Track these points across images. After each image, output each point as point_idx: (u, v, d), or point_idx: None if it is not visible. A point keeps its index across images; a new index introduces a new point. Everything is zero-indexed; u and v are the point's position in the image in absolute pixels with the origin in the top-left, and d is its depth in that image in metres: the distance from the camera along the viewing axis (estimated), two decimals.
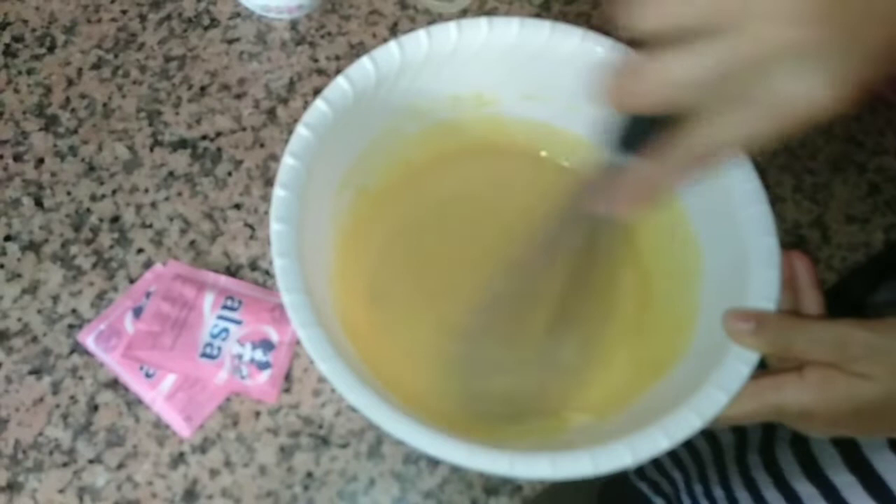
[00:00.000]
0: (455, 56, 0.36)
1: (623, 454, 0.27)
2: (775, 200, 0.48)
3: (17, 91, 0.45)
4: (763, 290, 0.30)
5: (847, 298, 0.48)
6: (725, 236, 0.33)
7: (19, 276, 0.40)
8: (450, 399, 0.34)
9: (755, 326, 0.28)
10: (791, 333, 0.28)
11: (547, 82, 0.38)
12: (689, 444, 0.51)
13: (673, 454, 0.54)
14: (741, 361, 0.29)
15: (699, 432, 0.27)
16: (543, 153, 0.41)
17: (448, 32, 0.35)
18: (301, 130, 0.33)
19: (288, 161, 0.32)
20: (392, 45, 0.35)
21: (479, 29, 0.35)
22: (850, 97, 0.20)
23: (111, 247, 0.42)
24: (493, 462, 0.27)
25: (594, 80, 0.24)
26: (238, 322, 0.39)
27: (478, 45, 0.36)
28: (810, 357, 0.27)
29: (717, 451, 0.52)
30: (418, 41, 0.35)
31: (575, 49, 0.36)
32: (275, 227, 0.31)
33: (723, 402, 0.28)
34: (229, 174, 0.45)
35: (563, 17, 0.53)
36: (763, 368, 0.29)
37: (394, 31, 0.51)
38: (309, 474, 0.37)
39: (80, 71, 0.47)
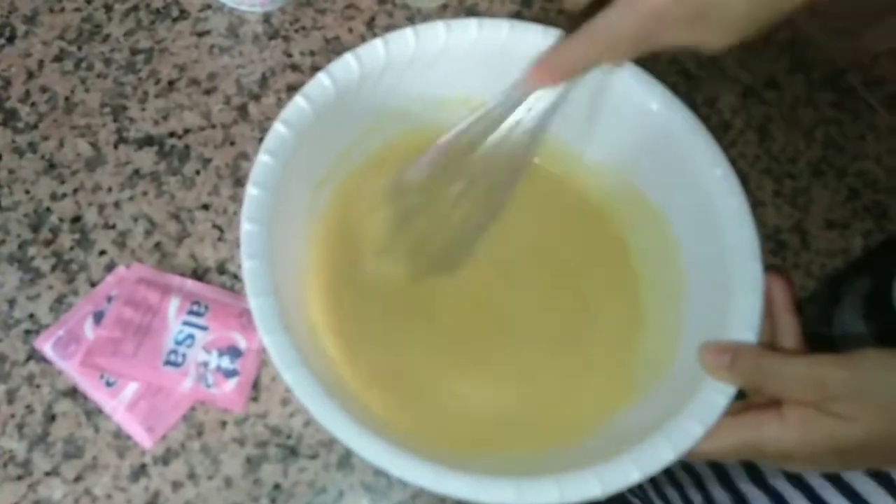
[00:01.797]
0: (442, 57, 0.35)
1: (592, 484, 0.26)
2: (756, 205, 0.48)
3: None
4: (745, 319, 0.29)
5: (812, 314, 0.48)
6: (710, 259, 0.32)
7: None
8: (426, 411, 0.33)
9: (731, 361, 0.27)
10: (767, 370, 0.27)
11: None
12: None
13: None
14: (718, 392, 0.28)
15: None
16: (532, 159, 0.40)
17: (436, 32, 0.34)
18: (278, 127, 0.32)
19: (263, 158, 0.31)
20: (378, 43, 0.33)
21: (469, 30, 0.34)
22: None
23: (72, 248, 0.40)
24: (458, 486, 0.26)
25: None
26: (204, 328, 0.38)
27: (466, 47, 0.34)
28: (787, 396, 0.27)
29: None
30: (405, 40, 0.34)
31: None
32: (246, 227, 0.30)
33: (698, 434, 0.27)
34: (197, 173, 0.43)
35: (545, 14, 0.51)
36: (741, 397, 0.29)
37: (371, 25, 0.49)
38: (276, 486, 0.36)
39: (41, 63, 0.45)
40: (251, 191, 0.30)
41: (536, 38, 0.34)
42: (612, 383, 0.33)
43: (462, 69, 0.35)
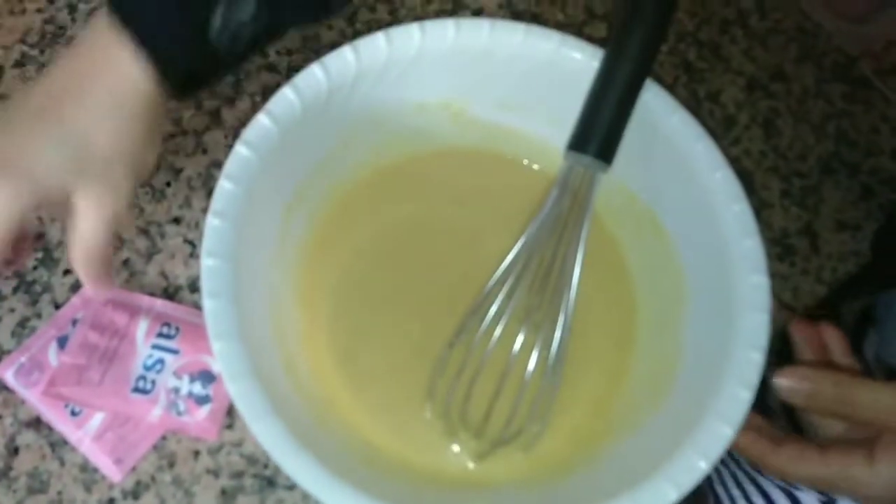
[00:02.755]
0: (419, 61, 0.32)
1: None
2: (762, 206, 0.45)
3: None
4: (750, 338, 0.27)
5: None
6: (711, 271, 0.29)
7: None
8: (410, 449, 0.31)
9: (811, 389, 0.26)
10: (850, 399, 0.26)
11: (522, 90, 0.34)
12: None
13: None
14: (724, 422, 0.26)
15: None
16: (519, 160, 0.38)
17: (410, 35, 0.31)
18: (240, 150, 0.29)
19: (224, 185, 0.28)
20: (346, 51, 0.31)
21: (446, 31, 0.32)
22: None
23: (34, 268, 0.38)
24: None
25: None
26: (175, 351, 0.36)
27: (444, 49, 0.32)
28: (873, 422, 0.26)
29: None
30: (376, 46, 0.31)
31: (551, 54, 0.32)
32: (207, 262, 0.27)
33: (702, 469, 0.25)
34: (168, 184, 0.41)
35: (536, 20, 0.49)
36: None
37: (352, 21, 0.46)
38: None
39: (1, 69, 0.42)
40: (212, 222, 0.28)
41: (519, 38, 0.31)
42: (607, 410, 0.31)
43: (441, 73, 0.33)
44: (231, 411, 0.36)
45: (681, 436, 0.25)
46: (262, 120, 0.30)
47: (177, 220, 0.40)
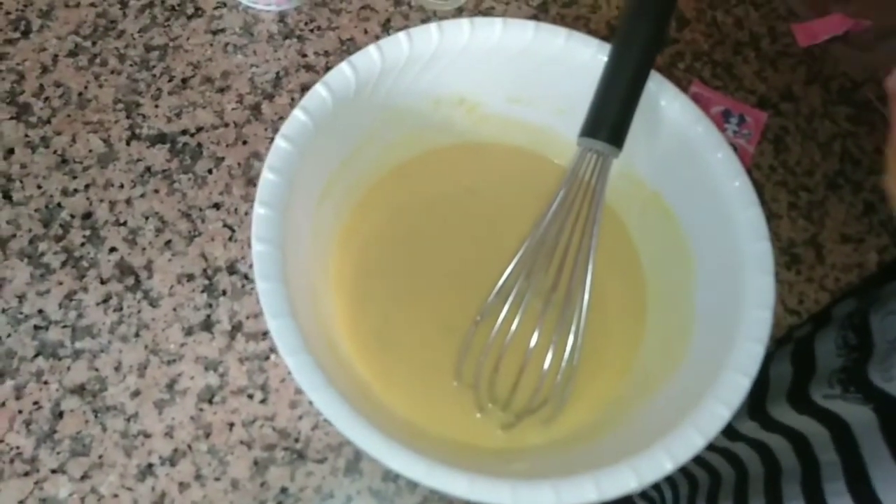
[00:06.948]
0: (436, 58, 0.35)
1: (627, 477, 0.26)
2: (771, 217, 0.48)
3: None
4: (759, 298, 0.29)
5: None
6: (718, 242, 0.32)
7: None
8: (445, 425, 0.33)
9: None
10: None
11: (531, 84, 0.37)
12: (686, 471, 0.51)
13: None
14: (740, 373, 0.28)
15: (698, 463, 0.27)
16: (531, 150, 0.40)
17: (429, 34, 0.34)
18: (280, 143, 0.31)
19: (268, 176, 0.30)
20: (372, 50, 0.33)
21: (461, 30, 0.34)
22: None
23: (82, 244, 0.40)
24: (495, 492, 0.26)
25: None
26: None
27: (460, 47, 0.34)
28: None
29: (714, 481, 0.51)
30: (399, 44, 0.34)
31: (559, 50, 0.34)
32: (258, 248, 0.29)
33: (725, 416, 0.27)
34: (209, 172, 0.43)
35: (561, 20, 0.51)
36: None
37: (386, 27, 0.49)
38: (283, 490, 0.36)
39: (55, 58, 0.44)
40: (259, 211, 0.30)
41: (529, 35, 0.34)
42: (627, 376, 0.33)
43: (456, 69, 0.36)
44: (265, 387, 0.38)
45: (702, 389, 0.28)
46: (297, 115, 0.32)
47: (217, 206, 0.42)
